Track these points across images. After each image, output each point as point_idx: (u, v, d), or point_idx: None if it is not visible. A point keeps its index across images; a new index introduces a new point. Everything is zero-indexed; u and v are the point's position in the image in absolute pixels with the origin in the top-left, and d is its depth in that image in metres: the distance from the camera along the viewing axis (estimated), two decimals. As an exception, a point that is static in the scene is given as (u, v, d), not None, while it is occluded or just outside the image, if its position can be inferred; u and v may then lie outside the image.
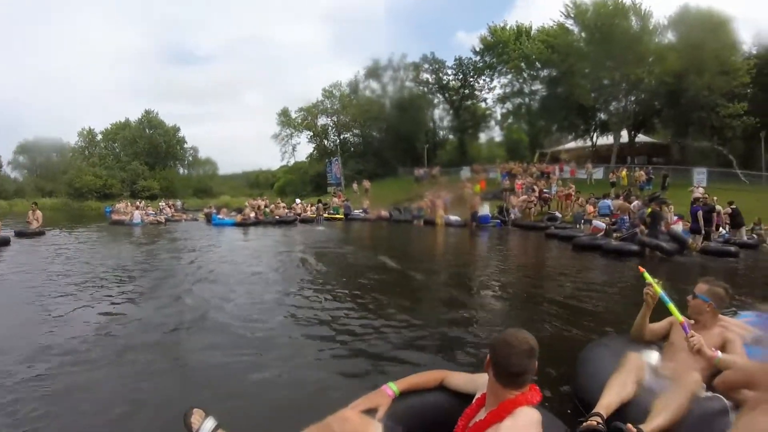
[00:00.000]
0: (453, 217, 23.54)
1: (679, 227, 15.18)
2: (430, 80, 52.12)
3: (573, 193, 24.20)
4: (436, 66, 51.34)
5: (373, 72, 53.26)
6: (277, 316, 5.73)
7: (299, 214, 26.16)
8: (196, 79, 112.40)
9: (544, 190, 25.92)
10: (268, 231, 19.67)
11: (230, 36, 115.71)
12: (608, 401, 2.68)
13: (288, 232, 19.59)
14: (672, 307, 3.24)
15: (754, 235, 17.70)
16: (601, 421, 2.53)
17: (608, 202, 18.46)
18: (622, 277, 9.96)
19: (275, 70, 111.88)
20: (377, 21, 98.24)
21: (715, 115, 33.33)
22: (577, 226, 18.61)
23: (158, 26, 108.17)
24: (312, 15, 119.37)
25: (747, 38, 35.98)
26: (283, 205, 27.81)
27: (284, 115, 59.61)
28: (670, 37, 37.33)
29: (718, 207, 16.44)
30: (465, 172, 37.61)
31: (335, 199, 31.71)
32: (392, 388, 2.48)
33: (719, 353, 2.96)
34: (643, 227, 13.27)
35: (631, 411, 2.66)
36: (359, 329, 5.24)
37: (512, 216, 22.84)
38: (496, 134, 53.21)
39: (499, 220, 22.69)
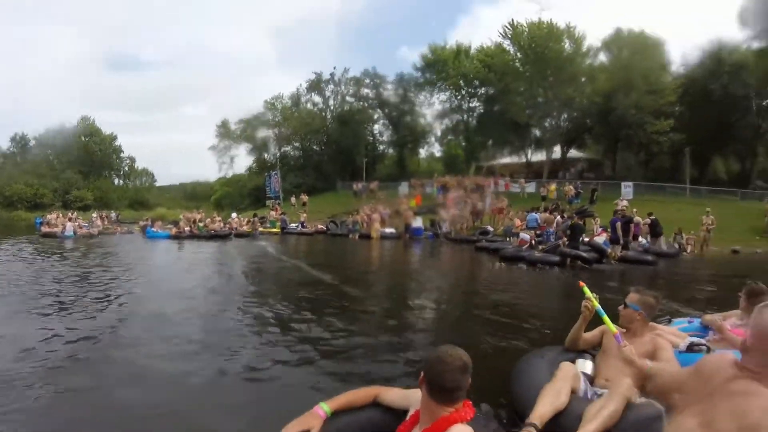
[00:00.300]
0: (388, 230, 24.05)
1: (602, 238, 15.67)
2: (371, 95, 52.50)
3: (504, 207, 24.58)
4: (377, 81, 51.74)
5: (316, 85, 53.29)
6: (207, 335, 5.51)
7: (234, 228, 25.73)
8: (135, 87, 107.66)
9: (479, 205, 26.17)
10: (202, 245, 19.45)
11: (173, 44, 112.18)
12: (542, 411, 2.70)
13: (223, 246, 19.45)
14: (607, 320, 3.34)
15: (675, 244, 18.58)
16: (535, 430, 2.59)
17: (536, 215, 18.94)
18: (548, 288, 10.61)
19: (217, 81, 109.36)
20: (324, 34, 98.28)
21: (643, 132, 34.85)
22: (507, 239, 18.81)
23: (99, 30, 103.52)
24: (259, 26, 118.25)
25: (676, 59, 38.51)
26: (219, 218, 27.30)
27: (224, 127, 58.51)
28: (602, 58, 39.41)
29: (637, 218, 17.18)
30: (403, 188, 37.63)
31: (272, 213, 31.34)
32: (324, 408, 2.41)
33: (649, 363, 2.99)
34: (565, 239, 13.70)
35: (566, 419, 2.68)
36: (291, 347, 5.10)
37: (444, 229, 23.44)
38: (436, 149, 54.29)
39: (431, 233, 23.36)
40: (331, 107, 52.90)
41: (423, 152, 55.25)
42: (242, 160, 62.25)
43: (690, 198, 29.50)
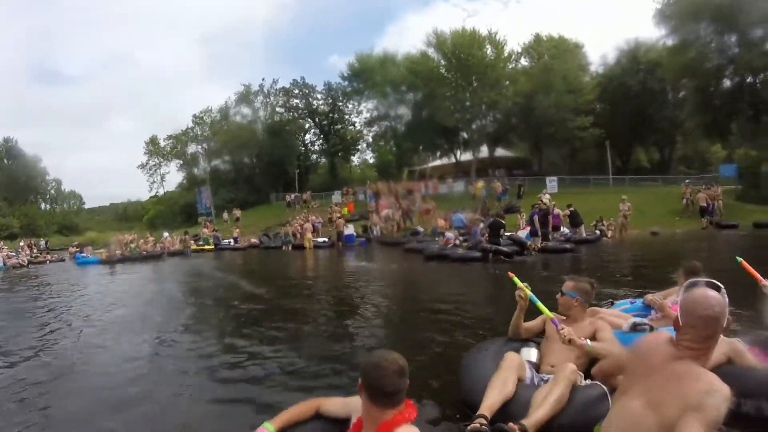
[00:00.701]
0: (321, 239, 24.57)
1: (525, 232, 16.21)
2: (300, 105, 52.06)
3: (431, 208, 25.02)
4: (306, 91, 51.34)
5: (245, 97, 52.42)
6: (145, 361, 5.29)
7: (167, 248, 25.41)
8: (55, 102, 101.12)
9: (412, 207, 26.55)
10: (135, 267, 19.25)
11: (97, 56, 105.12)
12: (491, 402, 2.77)
13: (156, 267, 19.40)
14: (541, 305, 3.46)
15: (596, 231, 19.47)
16: (485, 422, 2.62)
17: (461, 215, 19.25)
18: (479, 283, 10.97)
19: (144, 95, 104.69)
20: (253, 44, 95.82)
21: (564, 129, 36.03)
22: (435, 238, 18.95)
23: (17, 41, 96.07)
24: (186, 37, 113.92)
25: (595, 59, 40.77)
26: (152, 239, 26.94)
27: (153, 144, 56.59)
28: (523, 62, 41.08)
29: (557, 210, 17.82)
30: (336, 197, 37.33)
31: (204, 230, 31.01)
32: (268, 428, 2.38)
33: (588, 341, 3.07)
34: (486, 235, 13.99)
35: (515, 407, 2.76)
36: (232, 365, 4.98)
37: (375, 234, 24.01)
38: (369, 156, 54.62)
39: (364, 239, 23.81)
40: (262, 119, 52.07)
41: (356, 159, 55.59)
42: (174, 177, 60.88)
43: (613, 188, 30.47)
